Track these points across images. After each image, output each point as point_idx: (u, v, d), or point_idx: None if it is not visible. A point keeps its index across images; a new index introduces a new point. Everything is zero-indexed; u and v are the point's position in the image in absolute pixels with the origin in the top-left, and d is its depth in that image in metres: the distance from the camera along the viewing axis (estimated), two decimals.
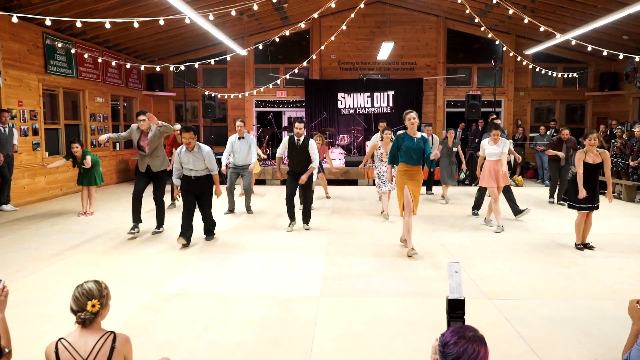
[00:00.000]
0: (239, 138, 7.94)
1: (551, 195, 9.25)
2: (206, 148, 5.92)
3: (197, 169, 5.89)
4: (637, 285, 4.50)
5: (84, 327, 2.06)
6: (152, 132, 6.34)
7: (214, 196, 6.16)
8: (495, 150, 6.93)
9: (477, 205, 7.94)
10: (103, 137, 6.19)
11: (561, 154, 8.53)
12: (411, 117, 5.54)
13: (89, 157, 7.67)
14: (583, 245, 5.77)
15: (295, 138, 6.70)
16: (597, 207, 5.71)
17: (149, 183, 6.56)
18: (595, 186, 5.62)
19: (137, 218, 6.46)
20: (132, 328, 3.49)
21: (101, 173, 8.09)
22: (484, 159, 7.12)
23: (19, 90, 8.93)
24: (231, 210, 8.09)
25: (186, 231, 5.85)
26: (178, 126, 7.94)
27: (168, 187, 7.14)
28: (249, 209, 8.16)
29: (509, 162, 7.77)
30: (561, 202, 8.76)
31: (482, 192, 7.79)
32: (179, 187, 6.20)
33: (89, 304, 2.04)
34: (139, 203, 6.45)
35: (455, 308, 1.97)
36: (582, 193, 5.49)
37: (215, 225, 6.36)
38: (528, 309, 3.91)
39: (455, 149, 9.32)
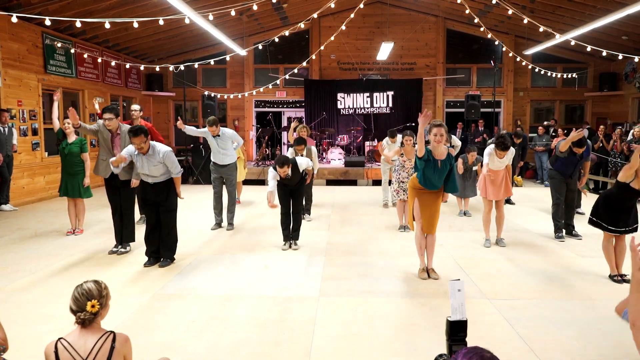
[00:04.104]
0: (214, 136, 6.76)
1: (578, 206, 7.78)
2: (163, 149, 4.93)
3: (154, 175, 4.98)
4: None
5: (83, 327, 2.06)
6: (122, 134, 5.51)
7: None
8: (501, 163, 5.87)
9: (558, 227, 6.36)
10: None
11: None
12: (437, 132, 4.23)
13: (86, 176, 6.35)
14: (620, 277, 4.59)
15: (280, 177, 5.59)
16: (635, 230, 4.54)
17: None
18: (632, 205, 4.51)
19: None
20: (131, 328, 3.49)
21: (88, 187, 6.52)
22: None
23: (19, 90, 8.93)
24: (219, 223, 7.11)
25: (152, 253, 5.18)
26: (136, 107, 6.29)
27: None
28: (230, 224, 7.00)
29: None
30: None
31: (557, 206, 6.32)
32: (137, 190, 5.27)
33: (89, 304, 2.04)
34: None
35: (458, 330, 1.79)
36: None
37: (176, 245, 5.29)
38: (528, 309, 3.90)
39: (475, 168, 8.01)
